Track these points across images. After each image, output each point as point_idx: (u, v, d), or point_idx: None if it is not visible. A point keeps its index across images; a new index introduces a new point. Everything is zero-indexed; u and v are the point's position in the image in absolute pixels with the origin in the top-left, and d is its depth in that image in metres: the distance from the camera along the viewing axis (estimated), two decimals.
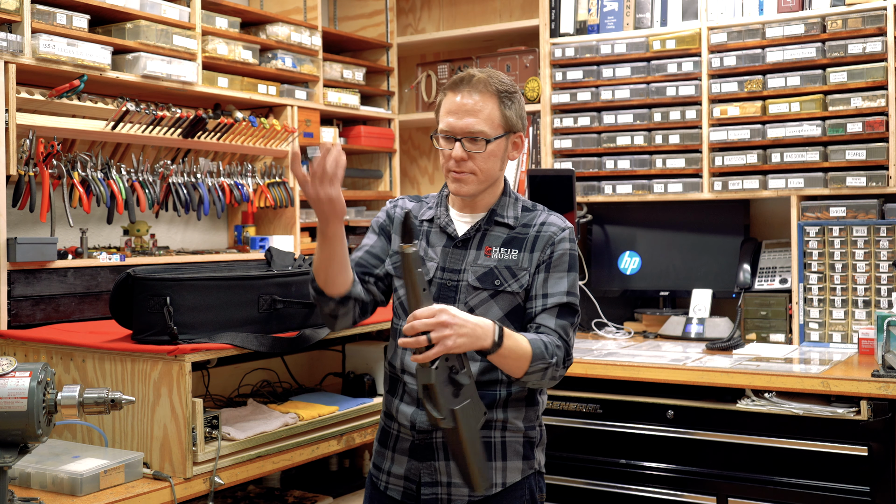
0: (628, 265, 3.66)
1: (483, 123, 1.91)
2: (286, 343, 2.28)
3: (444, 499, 1.94)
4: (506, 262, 1.95)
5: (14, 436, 1.68)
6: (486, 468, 1.88)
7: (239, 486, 2.78)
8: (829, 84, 3.13)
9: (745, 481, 2.74)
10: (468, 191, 1.94)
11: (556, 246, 1.95)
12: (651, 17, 3.51)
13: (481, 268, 1.95)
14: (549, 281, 1.93)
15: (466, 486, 1.83)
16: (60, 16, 2.59)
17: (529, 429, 2.00)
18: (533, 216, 2.01)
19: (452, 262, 1.97)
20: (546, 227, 1.98)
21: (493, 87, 1.93)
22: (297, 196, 3.39)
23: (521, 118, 1.99)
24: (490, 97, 1.92)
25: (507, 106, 1.94)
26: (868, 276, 3.09)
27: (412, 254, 1.68)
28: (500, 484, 1.95)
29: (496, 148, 1.94)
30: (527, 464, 1.99)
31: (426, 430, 1.94)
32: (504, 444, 1.96)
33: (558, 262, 1.94)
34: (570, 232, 1.98)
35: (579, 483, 2.99)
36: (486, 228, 1.98)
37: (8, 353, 2.33)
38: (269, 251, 2.51)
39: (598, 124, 3.57)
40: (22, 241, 2.45)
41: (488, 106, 1.92)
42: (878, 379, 2.57)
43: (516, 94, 1.97)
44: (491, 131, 1.92)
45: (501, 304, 1.93)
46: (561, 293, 1.92)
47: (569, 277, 1.95)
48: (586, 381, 2.99)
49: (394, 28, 4.08)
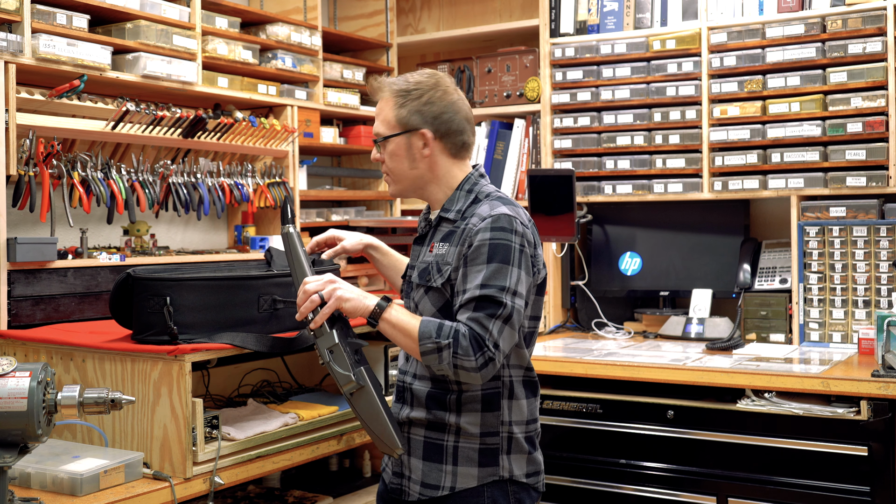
0: (629, 266, 3.66)
1: (380, 125, 2.03)
2: (286, 343, 2.28)
3: (406, 491, 2.01)
4: (438, 258, 1.97)
5: (14, 436, 1.68)
6: (399, 430, 1.96)
7: (239, 486, 2.78)
8: (829, 84, 3.14)
9: (745, 481, 2.74)
10: (393, 191, 2.08)
11: (474, 238, 1.89)
12: (651, 17, 3.51)
13: (422, 264, 2.01)
14: (468, 276, 1.89)
15: (383, 450, 1.94)
16: (60, 16, 2.59)
17: (488, 435, 1.96)
18: (473, 208, 1.97)
19: (413, 258, 2.08)
20: (471, 218, 1.93)
21: (391, 89, 2.01)
22: (297, 196, 3.40)
23: (422, 114, 1.98)
24: (387, 100, 2.02)
25: (402, 105, 1.99)
26: (868, 276, 3.09)
27: (291, 234, 2.01)
28: (447, 487, 1.96)
29: (395, 147, 2.01)
30: (485, 471, 1.95)
31: (399, 421, 2.02)
32: (456, 449, 1.96)
33: (475, 255, 1.88)
34: (493, 220, 1.88)
35: (579, 483, 2.99)
36: (435, 225, 2.04)
37: (8, 353, 2.33)
38: (269, 251, 2.50)
39: (598, 124, 3.57)
40: (22, 241, 2.45)
41: (385, 108, 2.02)
42: (878, 379, 2.57)
43: (418, 91, 1.99)
44: (386, 130, 2.01)
45: (433, 300, 1.97)
46: (475, 287, 1.85)
47: (488, 268, 1.86)
48: (586, 381, 2.99)
49: (394, 28, 4.08)
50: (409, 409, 2.01)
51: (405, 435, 2.01)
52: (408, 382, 2.04)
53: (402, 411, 2.03)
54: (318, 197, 3.67)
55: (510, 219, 1.90)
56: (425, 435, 1.99)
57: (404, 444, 1.96)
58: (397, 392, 2.08)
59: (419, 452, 1.99)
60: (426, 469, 1.98)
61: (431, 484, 1.97)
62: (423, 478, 1.98)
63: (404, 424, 2.02)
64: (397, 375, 2.10)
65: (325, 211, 3.68)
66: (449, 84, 2.03)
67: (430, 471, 1.97)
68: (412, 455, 2.00)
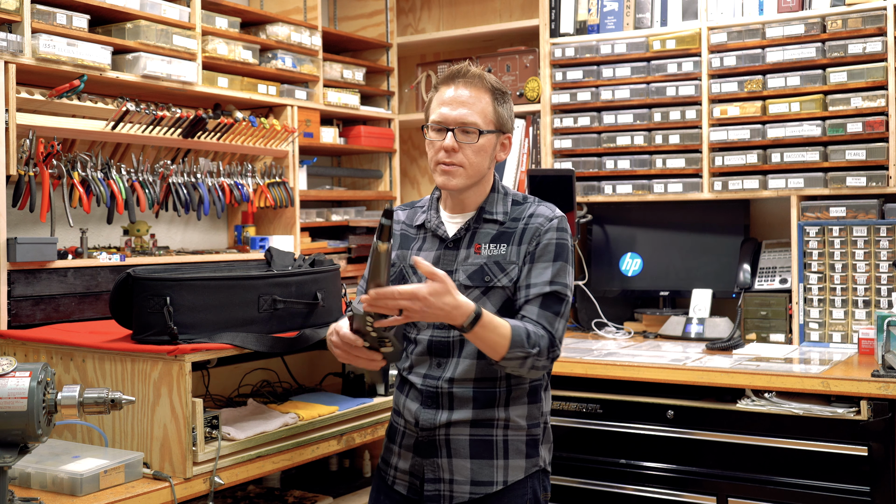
0: (630, 267, 3.66)
1: (476, 115, 1.94)
2: (286, 343, 2.27)
3: (447, 495, 1.96)
4: (495, 258, 1.96)
5: (14, 436, 1.68)
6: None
7: (239, 486, 2.78)
8: (829, 84, 3.13)
9: (745, 481, 2.74)
10: (456, 184, 1.95)
11: (542, 236, 1.95)
12: (651, 17, 3.51)
13: (472, 266, 1.96)
14: (534, 271, 1.93)
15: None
16: (60, 16, 2.59)
17: (533, 426, 2.00)
18: (522, 209, 2.01)
19: (445, 264, 1.98)
20: (534, 218, 1.98)
21: (489, 83, 1.96)
22: (297, 196, 3.40)
23: (512, 119, 2.03)
24: (485, 92, 1.95)
25: (499, 103, 1.97)
26: (868, 276, 3.09)
27: (384, 252, 1.72)
28: (500, 482, 1.96)
29: (486, 143, 1.96)
30: (530, 462, 1.99)
31: (429, 427, 1.97)
32: (506, 443, 1.97)
33: (543, 252, 1.94)
34: (559, 221, 1.98)
35: (579, 483, 2.99)
36: (475, 227, 2.00)
37: (8, 353, 2.33)
38: (269, 251, 2.51)
39: (598, 124, 3.57)
40: (22, 241, 2.45)
41: (483, 100, 1.95)
42: (878, 379, 2.57)
43: (508, 96, 2.01)
44: (483, 124, 1.95)
45: (494, 300, 1.94)
46: (544, 282, 1.92)
47: (554, 266, 1.93)
48: (586, 381, 2.99)
49: (394, 28, 4.08)
50: (449, 412, 1.96)
51: (442, 437, 1.97)
52: (443, 388, 1.96)
53: (438, 416, 1.96)
54: (318, 197, 3.67)
55: (565, 220, 2.00)
56: (471, 433, 1.96)
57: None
58: (426, 397, 1.98)
59: (464, 451, 1.96)
60: (475, 467, 1.95)
61: (483, 481, 1.95)
62: (474, 476, 1.95)
63: (441, 428, 1.96)
64: (420, 382, 2.00)
65: (325, 211, 3.68)
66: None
67: (480, 468, 1.95)
68: (455, 456, 1.96)
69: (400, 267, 2.05)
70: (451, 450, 1.96)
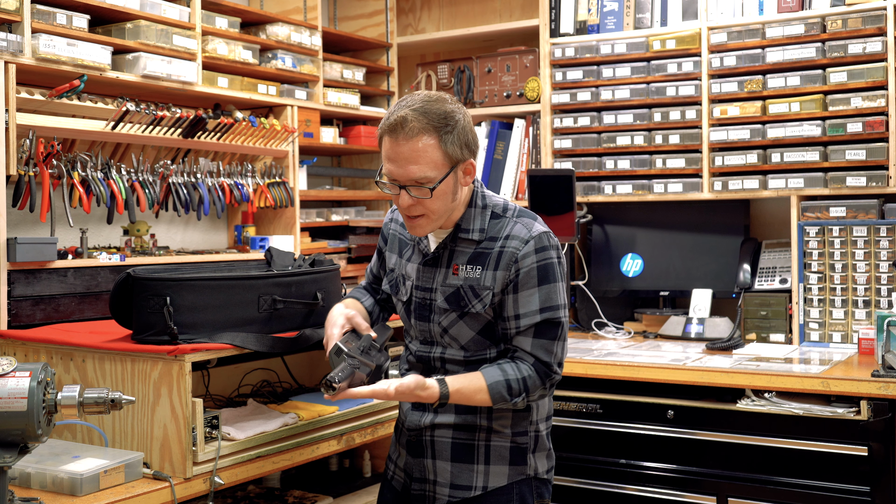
0: (630, 267, 3.66)
1: (426, 168, 1.81)
2: (286, 343, 2.27)
3: (430, 496, 1.99)
4: (470, 281, 1.91)
5: (14, 436, 1.68)
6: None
7: (239, 486, 2.78)
8: (829, 84, 3.13)
9: (745, 481, 2.74)
10: (425, 231, 1.90)
11: (521, 263, 1.87)
12: (651, 17, 3.51)
13: (449, 287, 1.93)
14: (520, 300, 1.88)
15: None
16: (60, 16, 2.59)
17: (519, 435, 1.98)
18: (500, 226, 1.92)
19: (425, 280, 1.98)
20: (509, 241, 1.89)
21: (431, 123, 1.80)
22: (297, 196, 3.40)
23: (466, 144, 1.86)
24: (429, 137, 1.80)
25: (447, 139, 1.82)
26: (868, 276, 3.09)
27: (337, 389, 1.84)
28: (479, 487, 1.95)
29: (444, 186, 1.84)
30: (515, 469, 1.97)
31: (415, 427, 2.00)
32: (488, 448, 1.96)
33: (525, 279, 1.87)
34: (535, 242, 1.88)
35: (580, 483, 2.99)
36: (451, 246, 1.95)
37: (8, 353, 2.33)
38: (269, 251, 2.51)
39: (598, 124, 3.57)
40: (22, 241, 2.45)
41: (428, 149, 1.80)
42: (878, 379, 2.57)
43: (458, 120, 1.84)
44: (435, 174, 1.82)
45: (471, 325, 1.93)
46: (533, 312, 1.87)
47: (540, 291, 1.87)
48: (586, 381, 2.99)
49: (394, 28, 4.07)
50: (434, 415, 1.98)
51: (428, 438, 1.99)
52: None
53: (423, 418, 1.99)
54: (318, 197, 3.67)
55: (547, 235, 1.91)
56: (453, 436, 1.97)
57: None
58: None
59: (446, 454, 1.97)
60: (455, 470, 1.96)
61: (462, 485, 1.95)
62: (453, 479, 1.96)
63: (427, 429, 1.98)
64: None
65: (325, 211, 3.68)
66: (456, 99, 1.95)
67: (459, 472, 1.96)
68: (438, 458, 1.97)
69: (397, 275, 2.06)
70: (435, 451, 1.98)
